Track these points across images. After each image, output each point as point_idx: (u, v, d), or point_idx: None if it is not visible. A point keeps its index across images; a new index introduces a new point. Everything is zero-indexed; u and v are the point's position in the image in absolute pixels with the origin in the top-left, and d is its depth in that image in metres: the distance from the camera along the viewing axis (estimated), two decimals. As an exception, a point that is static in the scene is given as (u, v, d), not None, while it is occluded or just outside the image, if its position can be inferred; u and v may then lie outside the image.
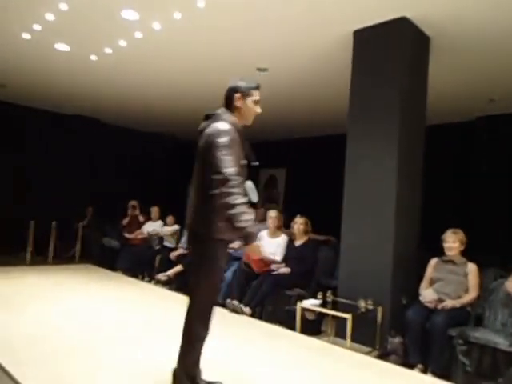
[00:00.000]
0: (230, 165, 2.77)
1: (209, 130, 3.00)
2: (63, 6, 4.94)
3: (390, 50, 4.81)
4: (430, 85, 5.24)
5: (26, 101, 9.85)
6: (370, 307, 4.46)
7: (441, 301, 4.15)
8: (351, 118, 5.12)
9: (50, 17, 5.24)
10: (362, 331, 4.44)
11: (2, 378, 2.26)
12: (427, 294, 4.25)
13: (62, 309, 5.17)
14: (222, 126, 2.96)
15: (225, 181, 2.69)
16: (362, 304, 4.45)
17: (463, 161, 8.33)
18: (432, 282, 4.44)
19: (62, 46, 6.30)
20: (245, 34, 5.47)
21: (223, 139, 2.85)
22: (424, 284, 4.48)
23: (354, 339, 4.33)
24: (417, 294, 4.41)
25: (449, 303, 4.08)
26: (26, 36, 5.94)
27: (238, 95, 3.20)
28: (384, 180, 4.68)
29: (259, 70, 6.52)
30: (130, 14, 5.12)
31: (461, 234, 4.44)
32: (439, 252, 4.52)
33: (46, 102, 9.81)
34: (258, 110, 3.28)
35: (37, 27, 5.59)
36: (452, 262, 4.40)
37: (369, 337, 4.51)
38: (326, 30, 5.13)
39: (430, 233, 4.87)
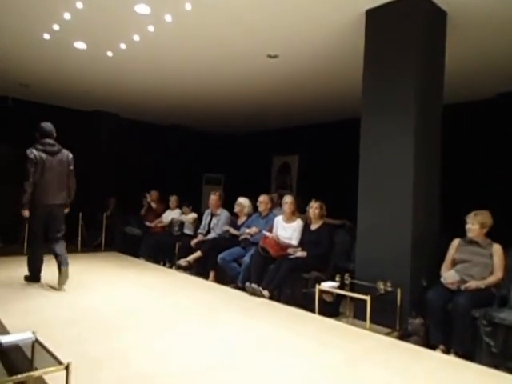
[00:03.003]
0: None
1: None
2: (79, 5, 4.81)
3: (405, 28, 4.43)
4: (447, 62, 4.82)
5: (48, 99, 9.74)
6: (389, 289, 4.18)
7: (463, 282, 3.84)
8: (365, 100, 4.77)
9: (67, 16, 5.11)
10: (381, 313, 4.17)
11: (43, 355, 2.32)
12: (449, 276, 3.92)
13: (93, 293, 5.21)
14: None
15: None
16: (380, 286, 4.18)
17: (486, 139, 7.73)
18: (454, 263, 4.11)
19: (79, 44, 6.18)
20: (255, 22, 5.15)
21: None
22: (446, 265, 4.16)
23: (373, 321, 4.08)
24: (437, 276, 4.09)
25: (473, 284, 3.78)
26: (46, 36, 5.85)
27: None
28: (401, 161, 4.36)
29: (269, 56, 6.18)
30: (142, 8, 4.94)
31: (482, 216, 4.07)
32: (464, 233, 4.19)
33: (67, 99, 9.67)
34: None
35: (56, 27, 5.49)
36: (476, 243, 4.05)
37: (388, 318, 4.23)
38: (337, 11, 4.75)
39: (454, 213, 4.52)
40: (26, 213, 5.22)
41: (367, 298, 4.00)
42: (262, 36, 5.53)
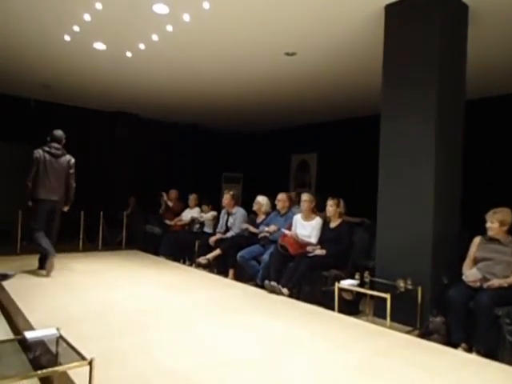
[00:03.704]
0: None
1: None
2: (98, 6, 4.86)
3: (425, 23, 4.36)
4: (469, 57, 4.73)
5: (69, 100, 9.89)
6: (410, 287, 4.15)
7: (486, 280, 3.78)
8: (385, 95, 4.72)
9: (87, 17, 5.18)
10: (402, 311, 4.15)
11: (67, 350, 2.35)
12: (471, 274, 3.87)
13: (115, 291, 5.26)
14: None
15: None
16: (401, 284, 4.16)
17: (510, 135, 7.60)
18: (476, 261, 4.04)
19: (99, 45, 6.26)
20: (272, 20, 5.14)
21: None
22: (467, 263, 4.08)
23: (393, 319, 4.06)
24: (458, 274, 4.03)
25: (495, 282, 3.70)
26: (67, 38, 5.93)
27: None
28: (422, 158, 4.31)
29: (287, 54, 6.18)
30: (160, 8, 4.98)
31: (501, 214, 3.96)
32: (485, 230, 4.10)
33: (87, 100, 9.81)
34: None
35: (76, 28, 5.56)
36: (498, 241, 3.97)
37: (408, 316, 4.20)
38: (355, 7, 4.71)
39: (476, 210, 4.43)
40: (30, 203, 5.98)
41: (387, 296, 3.98)
42: (280, 34, 5.52)
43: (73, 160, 6.25)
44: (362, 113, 9.13)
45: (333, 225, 5.57)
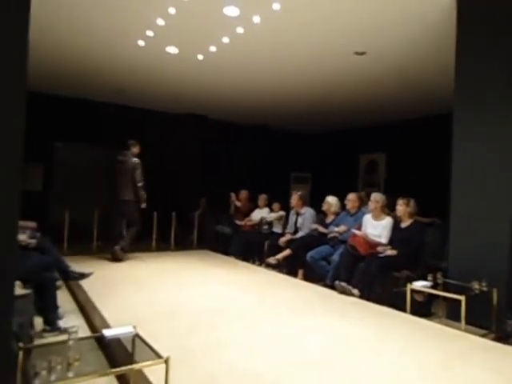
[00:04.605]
0: None
1: None
2: (171, 10, 5.04)
3: (502, 12, 4.19)
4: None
5: (142, 103, 10.28)
6: (485, 289, 4.04)
7: None
8: (459, 92, 4.62)
9: (160, 22, 5.37)
10: (476, 313, 4.03)
11: (142, 348, 2.37)
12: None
13: (186, 289, 5.38)
14: None
15: None
16: (475, 286, 4.05)
17: None
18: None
19: (171, 49, 6.45)
20: (343, 19, 5.17)
21: None
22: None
23: (467, 321, 3.96)
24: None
25: None
26: (141, 43, 6.16)
27: None
28: (501, 155, 4.17)
29: (357, 53, 6.18)
30: (231, 11, 5.09)
31: None
32: None
33: (159, 103, 10.16)
34: None
35: (149, 33, 5.78)
36: None
37: (483, 319, 4.09)
38: (426, 3, 4.65)
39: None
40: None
41: (462, 298, 3.90)
42: (350, 33, 5.54)
43: (136, 162, 7.21)
44: (432, 112, 8.93)
45: (404, 225, 5.52)
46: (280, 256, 6.95)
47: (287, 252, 6.89)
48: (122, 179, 7.20)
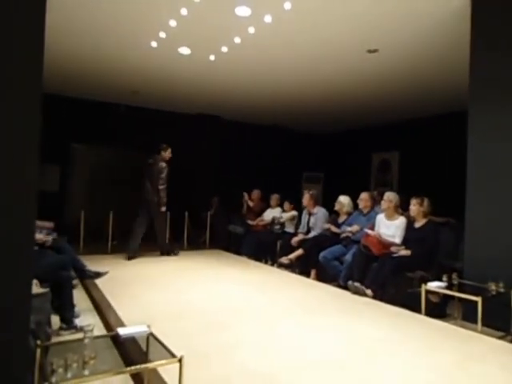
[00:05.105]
0: None
1: None
2: (184, 11, 5.02)
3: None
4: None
5: (155, 104, 10.30)
6: (502, 290, 3.95)
7: None
8: (474, 88, 4.52)
9: (172, 23, 5.34)
10: (493, 315, 3.93)
11: (156, 347, 2.39)
12: None
13: (198, 289, 5.37)
14: None
15: None
16: (492, 287, 3.96)
17: None
18: None
19: (184, 50, 6.43)
20: (356, 17, 5.09)
21: None
22: None
23: (483, 323, 3.86)
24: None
25: None
26: (154, 44, 6.15)
27: None
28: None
29: (369, 51, 6.09)
30: (243, 11, 5.06)
31: None
32: None
33: (172, 103, 10.16)
34: None
35: (162, 35, 5.75)
36: None
37: (500, 321, 3.99)
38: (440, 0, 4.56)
39: None
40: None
41: (478, 299, 3.80)
42: (363, 31, 5.46)
43: (163, 166, 7.57)
44: (446, 110, 8.79)
45: (418, 225, 5.42)
46: (292, 256, 6.89)
47: (300, 252, 6.83)
48: (148, 181, 7.59)
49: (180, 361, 2.24)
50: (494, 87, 4.33)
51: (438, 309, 4.59)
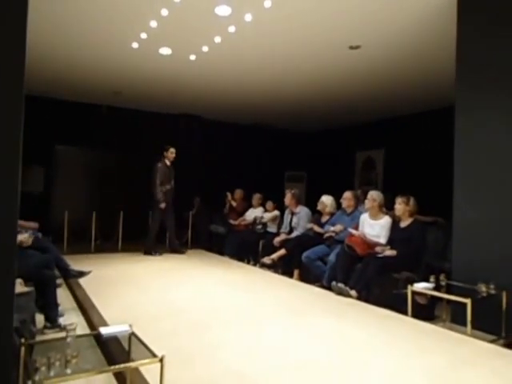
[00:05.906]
0: None
1: None
2: (164, 12, 4.93)
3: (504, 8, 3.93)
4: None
5: (137, 105, 10.10)
6: (493, 291, 3.76)
7: None
8: (460, 87, 4.34)
9: (153, 24, 5.27)
10: (483, 318, 3.74)
11: (138, 347, 2.38)
12: None
13: (182, 289, 5.32)
14: None
15: None
16: (482, 288, 3.77)
17: None
18: None
19: (165, 50, 6.33)
20: (336, 13, 4.89)
21: None
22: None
23: (473, 326, 3.67)
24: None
25: None
26: (135, 45, 6.06)
27: None
28: (503, 152, 3.89)
29: (351, 48, 5.89)
30: (223, 10, 4.94)
31: None
32: None
33: (153, 103, 9.95)
34: None
35: (143, 35, 5.67)
36: None
37: (491, 324, 3.82)
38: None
39: None
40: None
41: (468, 301, 3.60)
42: (344, 27, 5.27)
43: (155, 165, 8.01)
44: (432, 106, 8.59)
45: (403, 224, 5.23)
46: (275, 256, 6.72)
47: (282, 252, 6.66)
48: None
49: (161, 360, 2.21)
50: (479, 78, 4.15)
51: (425, 311, 4.39)
